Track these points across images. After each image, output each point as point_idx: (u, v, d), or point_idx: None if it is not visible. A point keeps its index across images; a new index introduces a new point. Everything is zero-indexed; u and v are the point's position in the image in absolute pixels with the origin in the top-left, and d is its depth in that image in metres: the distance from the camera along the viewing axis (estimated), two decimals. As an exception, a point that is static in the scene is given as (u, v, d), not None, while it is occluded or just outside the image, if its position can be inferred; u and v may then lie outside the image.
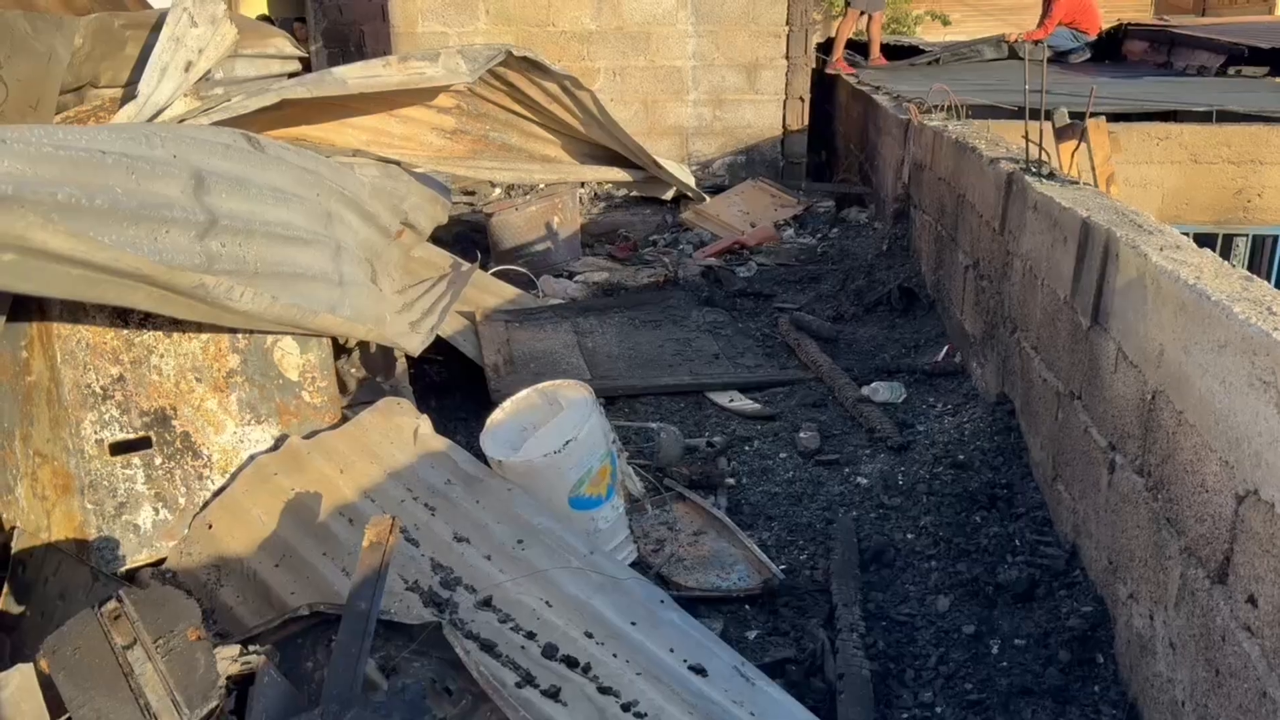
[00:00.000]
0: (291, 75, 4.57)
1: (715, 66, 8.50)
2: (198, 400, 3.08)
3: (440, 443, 3.18)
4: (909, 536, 3.27)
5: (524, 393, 3.32)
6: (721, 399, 4.59)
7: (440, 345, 5.08)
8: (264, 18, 12.30)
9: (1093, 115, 5.91)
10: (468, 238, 7.75)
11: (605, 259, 7.03)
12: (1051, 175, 3.70)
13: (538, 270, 6.74)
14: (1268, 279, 6.09)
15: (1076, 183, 3.57)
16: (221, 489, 3.08)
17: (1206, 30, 9.88)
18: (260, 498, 2.99)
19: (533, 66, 4.71)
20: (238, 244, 2.64)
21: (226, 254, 2.60)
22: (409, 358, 4.32)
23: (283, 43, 4.36)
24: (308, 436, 3.21)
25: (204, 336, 3.05)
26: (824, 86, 10.26)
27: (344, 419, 3.51)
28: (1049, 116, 5.12)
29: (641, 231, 7.78)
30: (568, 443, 2.98)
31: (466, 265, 5.35)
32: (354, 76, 4.16)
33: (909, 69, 10.41)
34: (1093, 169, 3.65)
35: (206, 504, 3.06)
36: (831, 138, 10.21)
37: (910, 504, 3.45)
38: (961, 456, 3.66)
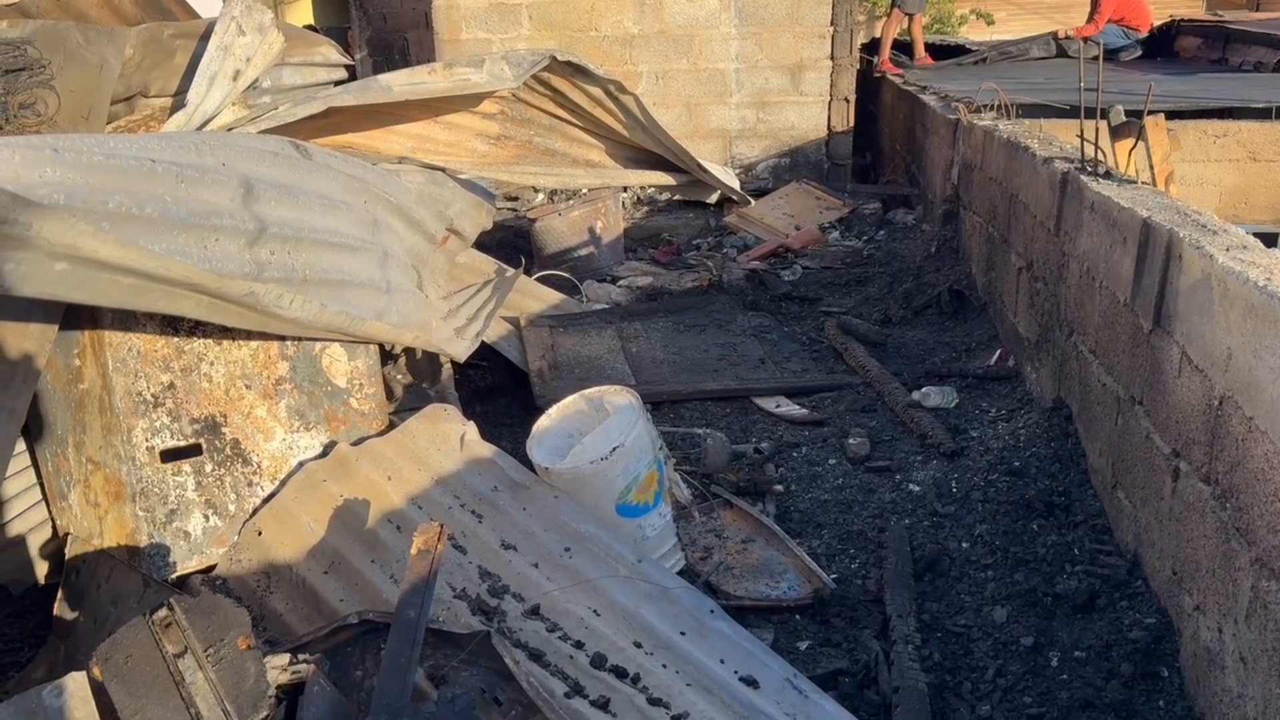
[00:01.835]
0: (338, 83, 4.60)
1: (759, 68, 8.44)
2: (247, 407, 3.09)
3: (486, 449, 3.17)
4: (964, 545, 3.20)
5: (570, 399, 3.30)
6: (768, 404, 4.54)
7: (485, 350, 5.08)
8: (310, 28, 12.46)
9: (1150, 113, 5.79)
10: (511, 243, 7.77)
11: (648, 263, 7.01)
12: (1108, 174, 3.61)
13: (581, 275, 6.74)
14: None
15: (1134, 182, 3.48)
16: (271, 496, 3.09)
17: (1263, 25, 9.64)
18: (309, 505, 3.00)
19: (576, 71, 4.70)
20: (287, 251, 2.65)
21: (276, 261, 2.60)
22: (454, 363, 4.32)
23: (329, 50, 4.39)
24: (356, 443, 3.21)
25: (253, 344, 3.06)
26: (868, 88, 10.15)
27: (391, 425, 3.52)
28: (1104, 115, 5.01)
29: (685, 235, 7.74)
30: (615, 449, 2.96)
31: (511, 271, 5.36)
32: (399, 83, 4.17)
33: (955, 68, 10.27)
34: (1151, 168, 3.55)
35: (256, 511, 3.07)
36: (876, 139, 10.10)
37: (964, 512, 3.38)
38: (1017, 463, 3.58)
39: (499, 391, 5.12)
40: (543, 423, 3.23)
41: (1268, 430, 2.08)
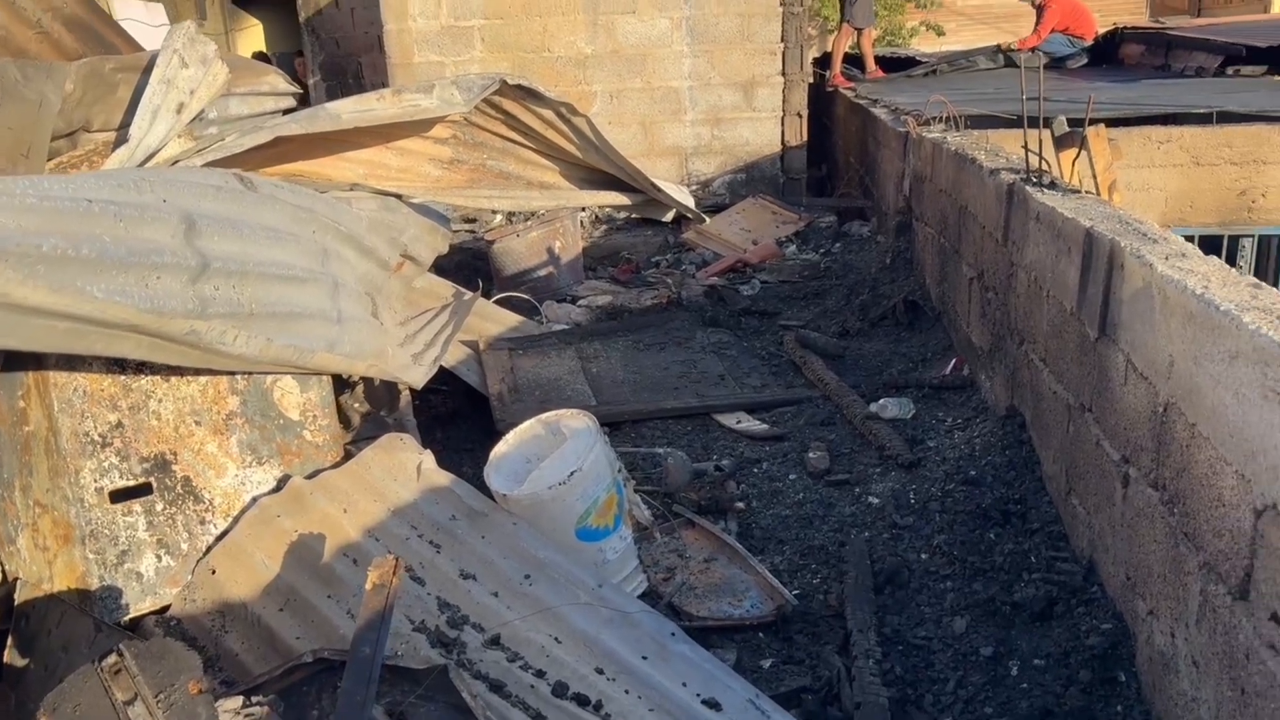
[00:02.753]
0: (287, 111, 4.57)
1: (712, 86, 8.50)
2: (198, 444, 3.05)
3: (444, 478, 3.15)
4: (923, 556, 3.22)
5: (527, 424, 3.29)
6: (729, 420, 4.55)
7: (445, 375, 5.06)
8: (260, 54, 12.39)
9: (1092, 122, 5.89)
10: (470, 265, 7.75)
11: (608, 282, 7.02)
12: (1053, 185, 3.66)
13: (541, 296, 6.73)
14: (1275, 280, 6.04)
15: (1078, 191, 3.53)
16: (224, 533, 3.04)
17: (1203, 31, 9.86)
18: (263, 541, 2.96)
19: (528, 94, 4.71)
20: (232, 286, 2.62)
21: (220, 297, 2.57)
22: (413, 389, 4.29)
23: (276, 79, 4.36)
24: (310, 476, 3.18)
25: (202, 379, 3.02)
26: (822, 101, 10.26)
27: (348, 455, 3.48)
28: (1048, 124, 5.10)
29: (644, 253, 7.76)
30: (572, 474, 2.95)
31: (469, 294, 5.34)
32: (348, 111, 4.15)
33: (906, 80, 10.40)
34: (1094, 177, 3.62)
35: (209, 549, 3.03)
36: (831, 152, 10.20)
37: (923, 523, 3.40)
38: (973, 472, 3.61)
39: (460, 416, 5.09)
40: (500, 449, 3.22)
41: (1210, 436, 2.11)
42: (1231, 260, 6.14)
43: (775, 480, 3.89)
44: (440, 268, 7.76)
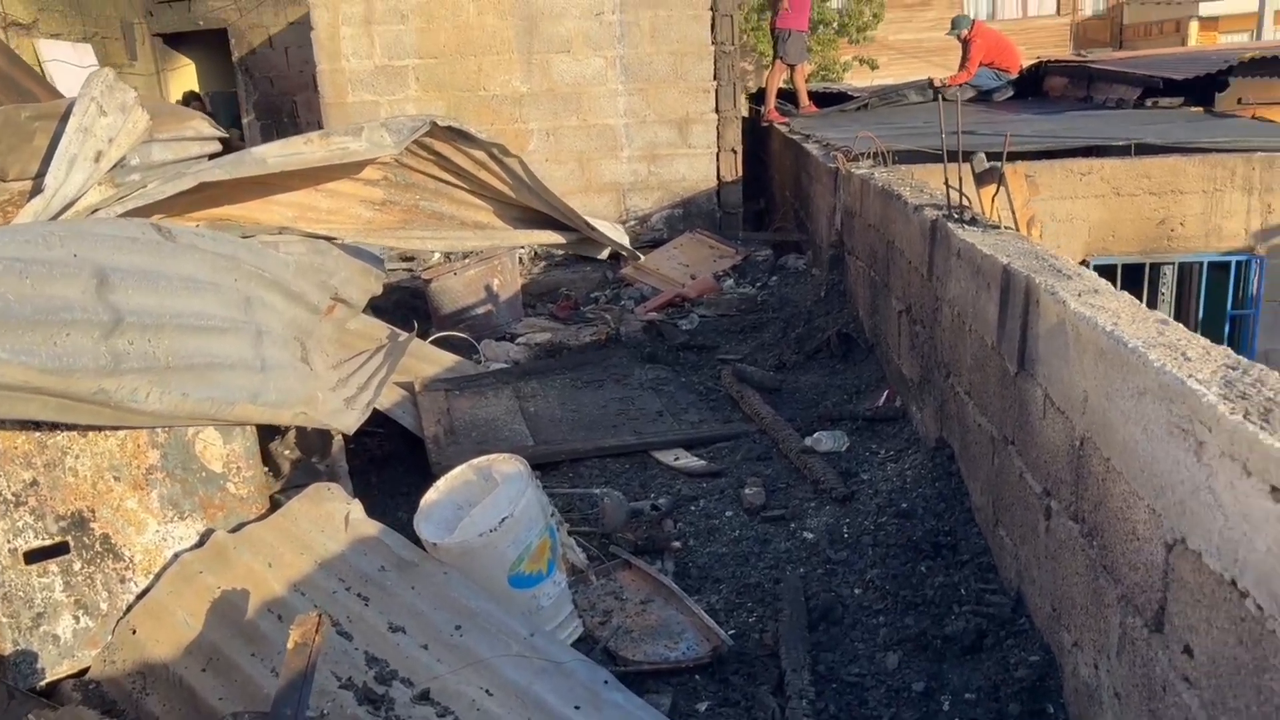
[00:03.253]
0: (212, 156, 4.51)
1: (647, 123, 8.58)
2: (117, 500, 2.97)
3: (373, 527, 3.10)
4: (856, 591, 3.24)
5: (458, 470, 3.25)
6: (666, 457, 4.55)
7: (381, 416, 5.00)
8: (193, 94, 12.25)
9: (1012, 157, 6.05)
10: (408, 304, 7.70)
11: (547, 319, 7.01)
12: (973, 221, 3.74)
13: (479, 334, 6.70)
14: (1196, 305, 6.23)
15: (997, 227, 3.61)
16: (145, 591, 2.96)
17: (1123, 64, 10.19)
18: (185, 599, 2.88)
19: (459, 135, 4.69)
20: (147, 340, 2.57)
21: (135, 351, 2.52)
22: (347, 434, 4.24)
23: (202, 124, 4.30)
24: (234, 530, 3.11)
25: (121, 434, 2.94)
26: (759, 136, 10.42)
27: (276, 505, 3.42)
28: (969, 159, 5.22)
29: (583, 289, 7.78)
30: (504, 520, 2.92)
31: (404, 335, 5.29)
32: (274, 155, 4.10)
33: (839, 115, 10.61)
34: (1013, 212, 3.71)
35: (130, 608, 2.94)
36: (769, 185, 10.34)
37: (857, 557, 3.42)
38: (905, 504, 3.65)
39: (396, 459, 5.03)
40: (430, 496, 3.18)
41: (1123, 471, 2.16)
42: (1154, 287, 6.33)
43: (712, 518, 3.89)
44: (378, 307, 7.70)
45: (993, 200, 3.85)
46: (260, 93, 12.04)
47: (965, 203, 3.89)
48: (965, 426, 3.56)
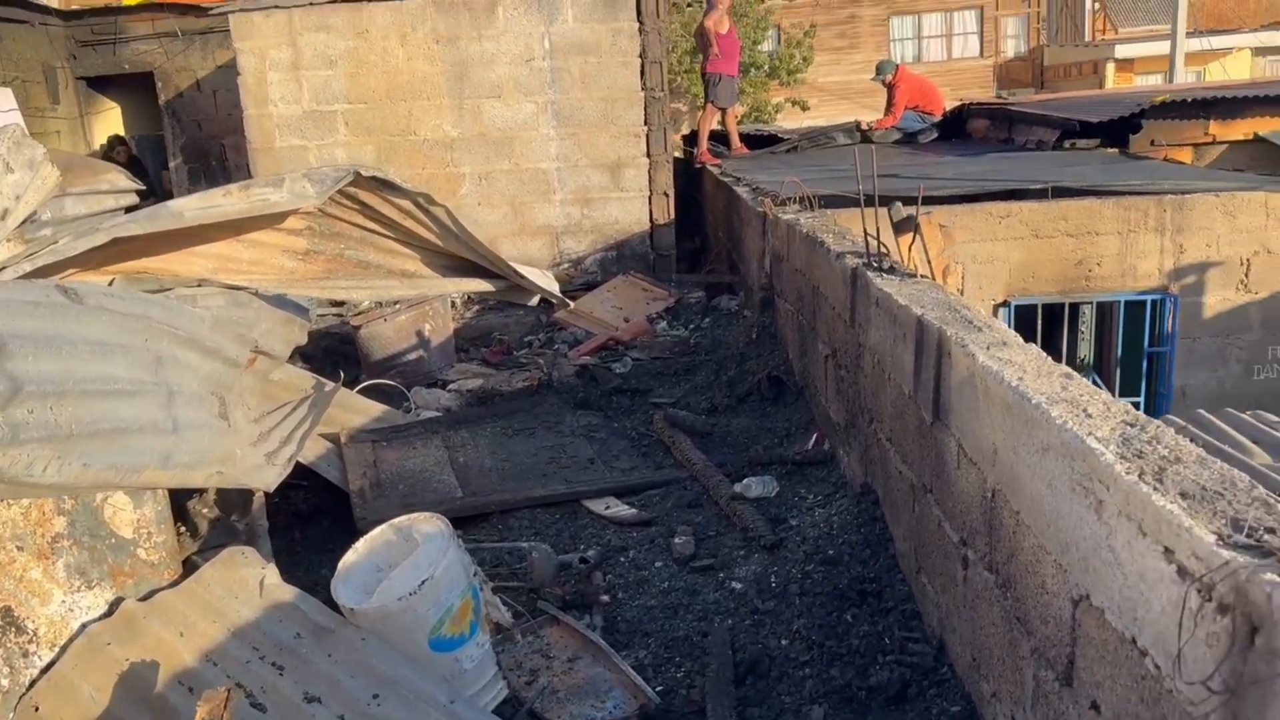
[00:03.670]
0: (129, 209, 4.42)
1: (580, 167, 8.62)
2: (20, 570, 2.86)
3: (288, 593, 3.02)
4: (783, 643, 3.23)
5: (378, 530, 3.19)
6: (597, 506, 4.52)
7: (308, 469, 4.91)
8: (118, 138, 12.03)
9: (934, 201, 6.18)
10: (338, 350, 7.59)
11: (479, 364, 6.97)
12: (892, 269, 3.80)
13: (411, 380, 6.63)
14: (1115, 343, 6.40)
15: (914, 275, 3.68)
16: (50, 665, 2.84)
17: (1041, 107, 10.52)
18: (92, 672, 2.77)
19: (383, 185, 4.66)
20: (48, 408, 2.49)
21: (35, 421, 2.44)
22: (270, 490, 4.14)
23: (117, 177, 4.22)
24: (144, 598, 3.00)
25: (24, 500, 2.84)
26: (693, 176, 10.53)
27: (194, 566, 3.32)
28: (891, 204, 5.33)
29: (516, 332, 7.75)
30: (424, 582, 2.86)
31: (329, 385, 5.21)
32: (191, 208, 4.03)
33: (770, 157, 10.77)
34: (928, 261, 3.78)
35: (33, 684, 2.82)
36: (704, 224, 10.44)
37: (784, 607, 3.42)
38: (831, 551, 3.66)
39: (322, 513, 4.93)
40: (349, 558, 3.11)
41: (1031, 525, 2.19)
42: (1074, 326, 6.49)
43: (641, 569, 3.87)
44: (306, 354, 7.59)
45: (909, 249, 3.93)
46: (188, 136, 11.86)
47: (884, 250, 3.95)
48: (888, 473, 3.59)
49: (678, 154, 11.59)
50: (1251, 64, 21.45)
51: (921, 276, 3.71)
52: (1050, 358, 2.51)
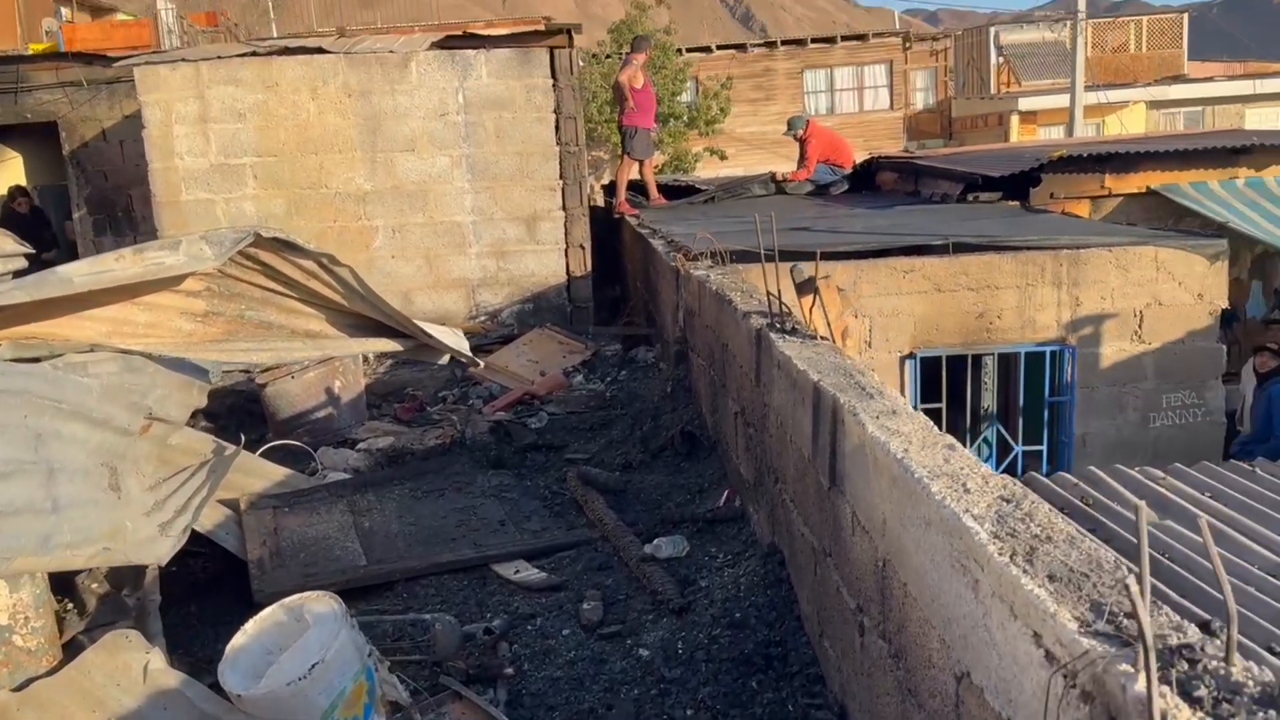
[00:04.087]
0: (18, 273, 4.27)
1: (495, 220, 8.61)
2: (-123, 664, 2.70)
3: (174, 678, 2.90)
4: (688, 713, 3.20)
5: (268, 610, 3.09)
6: (507, 571, 4.45)
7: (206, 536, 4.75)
8: (19, 188, 11.67)
9: (840, 256, 6.31)
10: (244, 408, 7.40)
11: (391, 421, 6.85)
12: (794, 331, 3.86)
13: (320, 439, 6.48)
14: (1017, 393, 6.57)
15: (814, 337, 3.73)
16: (-91, 766, 2.68)
17: (946, 161, 10.85)
18: (-45, 773, 2.62)
19: (285, 246, 4.57)
20: (-93, 495, 2.36)
21: (-109, 509, 2.31)
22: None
23: (3, 241, 4.07)
24: (20, 688, 2.86)
25: (-116, 590, 2.69)
26: (613, 225, 10.59)
27: (80, 646, 3.18)
28: (794, 258, 5.42)
29: (430, 387, 7.65)
30: (314, 666, 2.77)
31: (230, 448, 5.06)
32: (81, 274, 3.90)
33: (688, 207, 10.91)
34: (828, 324, 3.85)
35: (-110, 786, 2.65)
36: (624, 273, 10.50)
37: (690, 674, 3.39)
38: (739, 614, 3.65)
39: (222, 581, 4.78)
40: (238, 640, 3.00)
41: (917, 597, 2.21)
42: (978, 376, 6.65)
43: (549, 637, 3.81)
44: (211, 413, 7.38)
45: (810, 309, 3.99)
46: (93, 187, 11.55)
47: (787, 311, 4.01)
48: (792, 534, 3.61)
49: (598, 203, 11.67)
50: (1146, 117, 22.50)
51: (822, 338, 3.76)
52: (936, 427, 2.56)
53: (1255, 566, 2.77)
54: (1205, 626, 1.44)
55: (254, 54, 8.22)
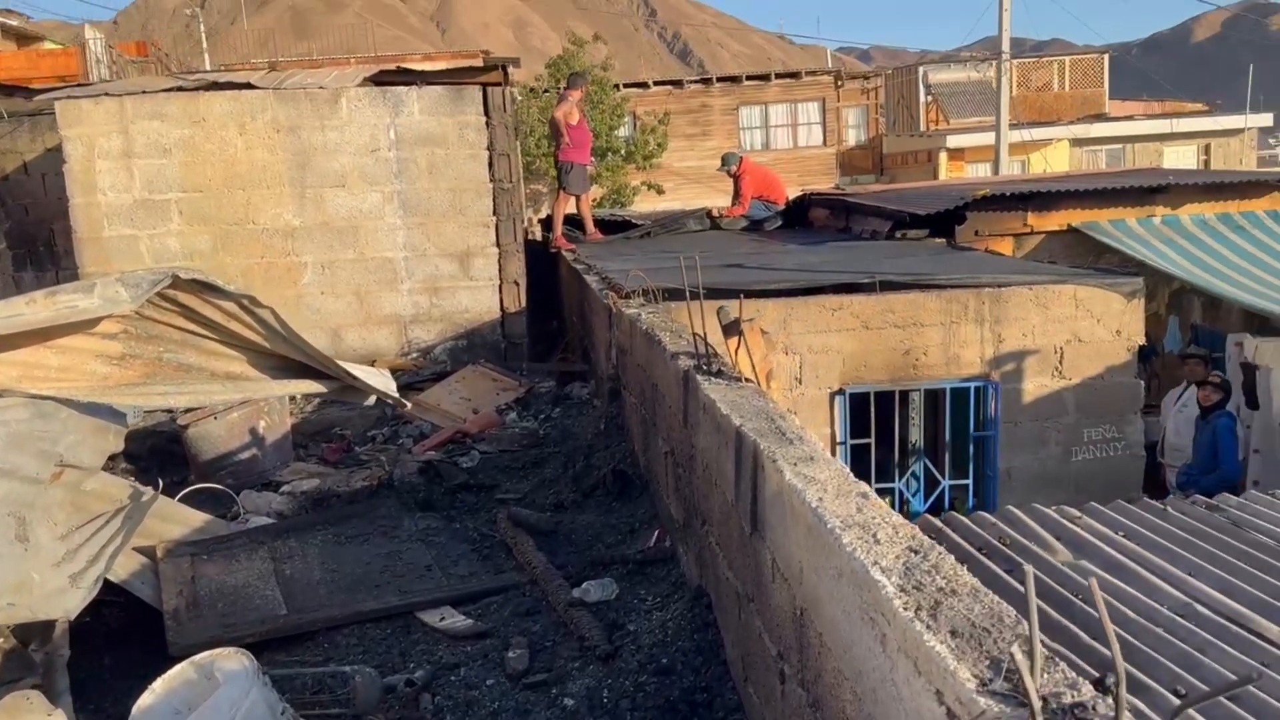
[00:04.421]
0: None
1: (428, 256, 8.55)
2: None
3: (74, 743, 2.78)
4: (612, 763, 3.16)
5: (177, 669, 2.99)
6: (432, 618, 4.37)
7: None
8: (-66, 221, 11.30)
9: (771, 294, 6.38)
10: (166, 450, 7.21)
11: (317, 463, 6.72)
12: (720, 373, 3.87)
13: (243, 481, 6.34)
14: (943, 427, 6.67)
15: (740, 380, 3.75)
16: None
17: (876, 198, 11.06)
18: None
19: (205, 288, 4.50)
20: None
21: None
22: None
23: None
24: (-94, 757, 2.72)
25: None
26: (553, 258, 10.59)
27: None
28: (724, 295, 5.46)
29: (359, 426, 7.53)
30: (223, 726, 2.69)
31: (148, 493, 4.93)
32: (-14, 318, 3.79)
33: (624, 242, 10.95)
34: (753, 366, 3.89)
35: None
36: (562, 307, 10.48)
37: (615, 724, 3.36)
38: (665, 660, 3.63)
39: (137, 632, 4.62)
40: (145, 700, 2.90)
41: (832, 648, 2.21)
42: (905, 411, 6.74)
43: (472, 688, 3.74)
44: (132, 455, 7.18)
45: (735, 352, 4.02)
46: (14, 220, 11.23)
47: (714, 352, 4.02)
48: (718, 578, 3.60)
49: (536, 237, 11.67)
50: (1070, 154, 23.22)
51: (746, 381, 3.78)
52: (851, 474, 2.58)
53: (1164, 606, 2.83)
54: (1099, 683, 1.46)
55: (180, 89, 8.10)
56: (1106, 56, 26.99)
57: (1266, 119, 26.87)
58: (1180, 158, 23.51)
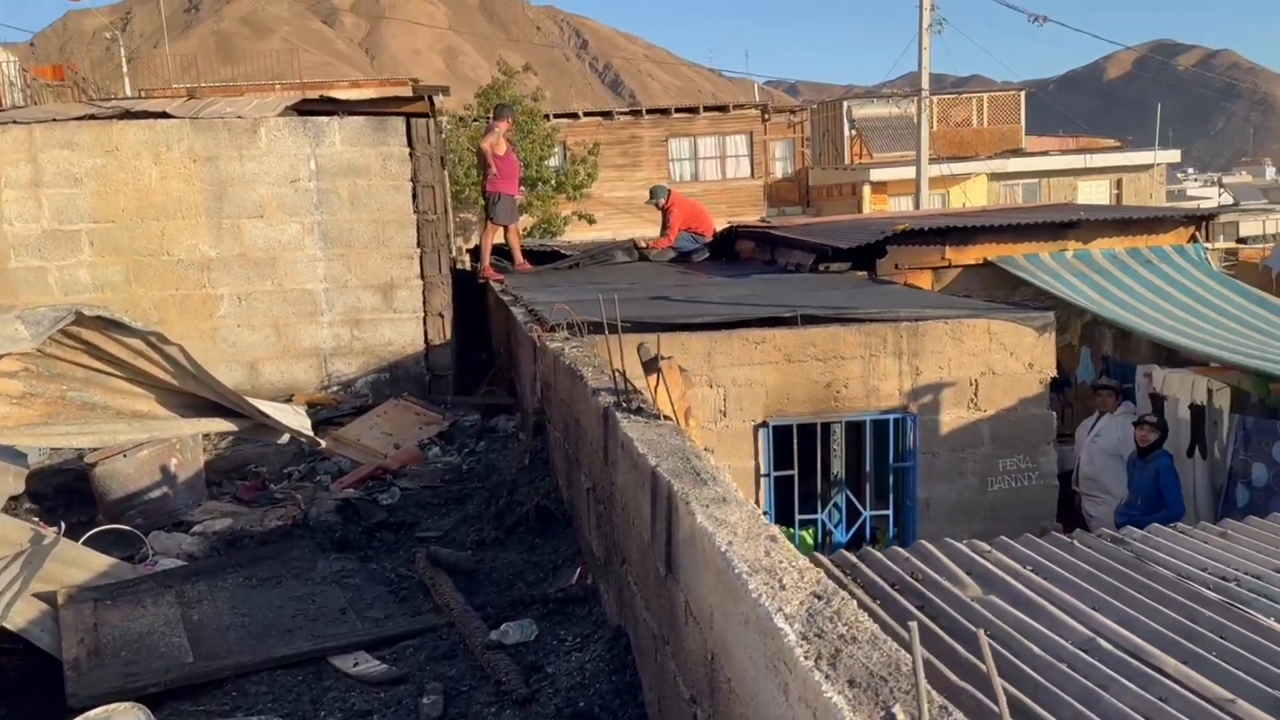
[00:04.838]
0: None
1: (350, 288, 8.43)
2: None
3: (-48, 809, 2.64)
4: (525, 816, 3.10)
5: (67, 726, 2.86)
6: (346, 664, 4.26)
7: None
8: None
9: (695, 328, 6.41)
10: (73, 488, 6.96)
11: (230, 501, 6.54)
12: (639, 410, 3.86)
13: (153, 522, 6.14)
14: (864, 459, 6.75)
15: (659, 417, 3.75)
16: None
17: (800, 232, 11.22)
18: None
19: (110, 325, 4.37)
20: None
21: None
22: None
23: None
24: None
25: None
26: (479, 289, 10.51)
27: None
28: (648, 329, 5.46)
29: (276, 463, 7.36)
30: (114, 787, 2.57)
31: (49, 535, 4.75)
32: None
33: (552, 273, 10.92)
34: (671, 405, 3.90)
35: None
36: (490, 337, 10.39)
37: (530, 770, 3.30)
38: (583, 703, 3.58)
39: (35, 682, 4.43)
40: (31, 761, 2.76)
41: (740, 694, 2.20)
42: (826, 443, 6.81)
43: (385, 735, 3.65)
44: (37, 494, 6.91)
45: (655, 388, 4.02)
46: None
47: (634, 389, 4.01)
48: (636, 618, 3.58)
49: (465, 266, 11.57)
50: (988, 188, 23.89)
51: (665, 418, 3.78)
52: (762, 516, 2.58)
53: (1069, 641, 2.88)
54: (990, 733, 1.47)
55: (93, 117, 7.90)
56: (1023, 94, 27.87)
57: (1175, 155, 28.05)
58: (1093, 192, 24.35)
